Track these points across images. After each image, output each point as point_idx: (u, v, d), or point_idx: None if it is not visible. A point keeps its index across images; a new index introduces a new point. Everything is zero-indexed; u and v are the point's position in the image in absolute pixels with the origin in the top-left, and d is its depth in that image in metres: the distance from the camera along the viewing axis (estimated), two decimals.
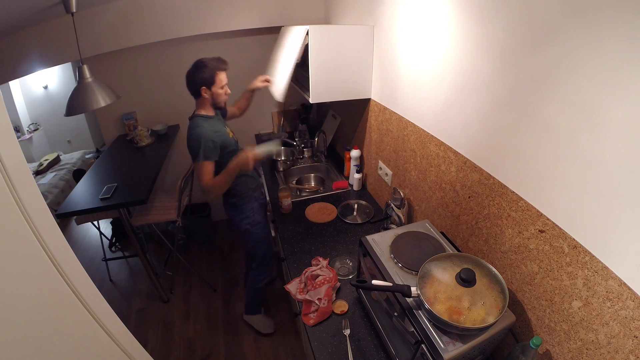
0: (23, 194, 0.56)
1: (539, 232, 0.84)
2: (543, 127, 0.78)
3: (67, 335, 0.70)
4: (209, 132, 1.56)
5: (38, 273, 0.62)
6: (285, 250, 1.55)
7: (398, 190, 1.44)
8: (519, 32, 0.80)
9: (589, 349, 0.74)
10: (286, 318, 2.25)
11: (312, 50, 1.54)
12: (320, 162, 2.39)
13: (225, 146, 1.64)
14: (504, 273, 0.98)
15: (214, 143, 1.56)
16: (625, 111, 0.60)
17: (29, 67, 2.06)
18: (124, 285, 2.64)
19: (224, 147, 1.63)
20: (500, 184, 0.95)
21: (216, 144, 1.57)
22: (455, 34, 1.02)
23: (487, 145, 0.98)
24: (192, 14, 2.14)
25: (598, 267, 0.69)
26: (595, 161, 0.67)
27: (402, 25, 1.32)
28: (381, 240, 1.12)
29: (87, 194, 2.01)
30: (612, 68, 0.61)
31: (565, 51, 0.69)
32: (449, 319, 0.77)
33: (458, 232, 1.20)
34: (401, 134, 1.47)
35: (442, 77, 1.12)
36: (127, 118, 2.62)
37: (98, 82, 1.78)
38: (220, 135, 1.62)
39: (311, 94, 1.65)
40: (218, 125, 1.66)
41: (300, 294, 1.26)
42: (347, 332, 1.14)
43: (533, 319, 0.90)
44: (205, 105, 1.62)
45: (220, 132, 1.63)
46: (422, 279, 0.87)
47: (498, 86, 0.89)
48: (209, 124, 1.59)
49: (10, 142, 0.56)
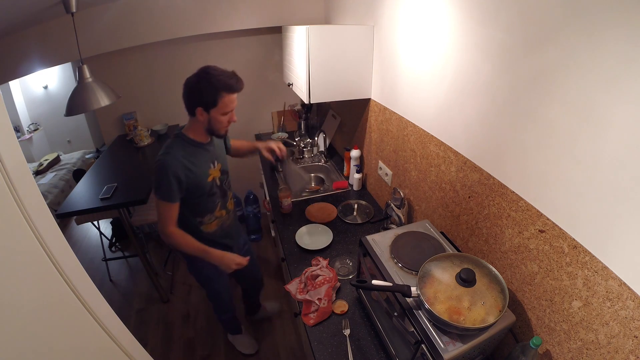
0: (23, 194, 0.56)
1: (539, 232, 0.84)
2: (543, 127, 0.78)
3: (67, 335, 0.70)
4: (178, 165, 1.21)
5: (38, 273, 0.62)
6: (285, 250, 1.55)
7: (398, 190, 1.44)
8: (519, 32, 0.80)
9: (589, 349, 0.74)
10: (286, 318, 2.25)
11: (312, 50, 1.54)
12: (320, 162, 2.39)
13: (195, 189, 1.28)
14: (504, 273, 0.98)
15: (179, 181, 1.21)
16: (625, 111, 0.60)
17: (29, 67, 2.06)
18: (124, 285, 2.63)
19: (193, 189, 1.28)
20: (500, 184, 0.95)
21: (182, 183, 1.22)
22: (455, 34, 1.02)
23: (487, 145, 0.98)
24: (192, 14, 2.14)
25: (598, 267, 0.69)
26: (596, 161, 0.67)
27: (402, 25, 1.32)
28: (381, 240, 1.12)
29: (87, 194, 2.01)
30: (612, 68, 0.61)
31: (565, 51, 0.69)
32: (449, 319, 0.77)
33: (458, 232, 1.20)
34: (401, 134, 1.47)
35: (442, 77, 1.12)
36: (127, 118, 2.62)
37: (98, 82, 1.78)
38: (193, 174, 1.25)
39: (311, 94, 1.65)
40: (200, 158, 1.29)
41: (300, 294, 1.26)
42: (347, 332, 1.14)
43: (533, 319, 0.90)
44: (197, 129, 1.26)
45: (196, 170, 1.26)
46: (422, 279, 0.87)
47: (498, 86, 0.89)
48: (186, 154, 1.24)
49: (11, 142, 0.56)
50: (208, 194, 1.35)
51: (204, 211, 1.39)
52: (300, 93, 1.78)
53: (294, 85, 1.92)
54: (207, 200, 1.36)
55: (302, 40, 1.57)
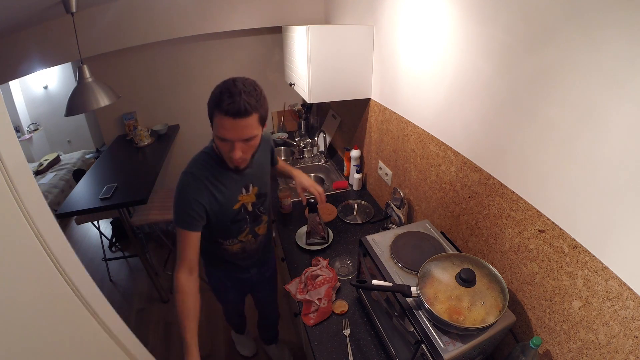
0: (23, 194, 0.56)
1: (539, 232, 0.84)
2: (543, 126, 0.78)
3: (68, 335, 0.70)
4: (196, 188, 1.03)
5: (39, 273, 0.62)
6: (285, 250, 1.55)
7: (398, 190, 1.44)
8: (519, 32, 0.80)
9: (589, 349, 0.74)
10: (286, 318, 2.25)
11: (312, 51, 1.54)
12: (320, 162, 2.39)
13: (216, 215, 1.09)
14: (504, 273, 0.98)
15: (198, 207, 1.03)
16: (625, 111, 0.60)
17: (29, 67, 2.06)
18: (124, 285, 2.63)
19: (214, 216, 1.09)
20: (500, 184, 0.95)
21: (200, 209, 1.04)
22: (455, 33, 1.02)
23: (487, 145, 0.98)
24: (192, 14, 2.14)
25: (598, 267, 0.69)
26: (595, 161, 0.67)
27: (402, 25, 1.32)
28: (381, 240, 1.13)
29: (87, 194, 2.01)
30: (612, 68, 0.61)
31: (565, 51, 0.69)
32: (449, 319, 0.77)
33: (458, 232, 1.20)
34: (401, 134, 1.47)
35: (442, 77, 1.12)
36: (127, 118, 2.62)
37: (98, 82, 1.78)
38: (215, 198, 1.07)
39: (311, 94, 1.65)
40: (229, 182, 1.10)
41: (300, 294, 1.26)
42: (347, 332, 1.14)
43: (533, 319, 0.90)
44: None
45: (221, 197, 1.08)
46: (422, 279, 0.87)
47: (498, 86, 0.89)
48: (213, 174, 1.07)
49: (11, 142, 0.56)
50: (232, 220, 1.16)
51: (225, 235, 1.21)
52: (302, 93, 1.78)
53: (296, 84, 1.92)
54: (230, 227, 1.18)
55: (302, 40, 1.57)
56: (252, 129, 0.96)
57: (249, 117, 0.93)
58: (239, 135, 0.95)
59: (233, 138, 0.96)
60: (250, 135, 0.97)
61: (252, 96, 0.93)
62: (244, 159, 1.02)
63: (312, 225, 1.49)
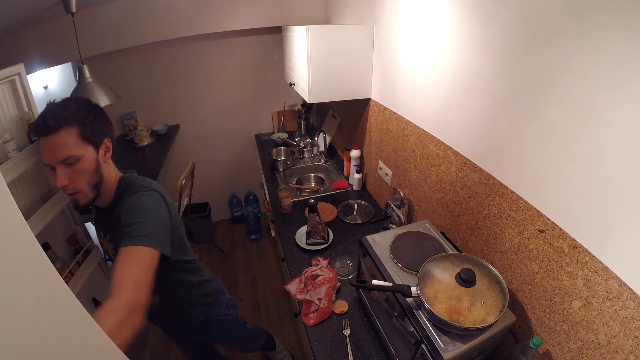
0: None
1: (539, 232, 0.84)
2: (543, 127, 0.78)
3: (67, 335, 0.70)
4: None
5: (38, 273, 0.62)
6: (285, 250, 1.55)
7: (398, 190, 1.44)
8: (519, 32, 0.80)
9: (589, 349, 0.74)
10: (286, 318, 2.25)
11: (312, 50, 1.54)
12: (320, 162, 2.39)
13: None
14: (504, 273, 0.98)
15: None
16: (624, 111, 0.60)
17: (29, 67, 2.06)
18: None
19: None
20: (500, 184, 0.95)
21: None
22: (455, 34, 1.02)
23: (487, 145, 0.98)
24: (192, 14, 2.14)
25: (598, 267, 0.69)
26: (595, 161, 0.67)
27: (402, 25, 1.32)
28: (381, 240, 1.13)
29: None
30: (612, 68, 0.61)
31: (565, 51, 0.69)
32: (449, 319, 0.77)
33: (458, 232, 1.20)
34: (401, 134, 1.47)
35: (442, 77, 1.12)
36: (127, 118, 2.62)
37: (98, 82, 1.78)
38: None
39: (311, 94, 1.65)
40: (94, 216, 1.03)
41: (300, 294, 1.26)
42: (347, 332, 1.14)
43: (533, 319, 0.90)
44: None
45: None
46: (422, 279, 0.87)
47: (498, 86, 0.89)
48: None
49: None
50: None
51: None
52: (302, 93, 1.78)
53: (296, 84, 1.92)
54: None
55: (302, 40, 1.57)
56: (68, 148, 0.81)
57: (59, 132, 0.79)
58: (52, 156, 0.80)
59: (47, 161, 0.81)
60: (65, 155, 0.81)
61: (67, 108, 0.80)
62: (74, 189, 0.85)
63: (312, 225, 1.49)
